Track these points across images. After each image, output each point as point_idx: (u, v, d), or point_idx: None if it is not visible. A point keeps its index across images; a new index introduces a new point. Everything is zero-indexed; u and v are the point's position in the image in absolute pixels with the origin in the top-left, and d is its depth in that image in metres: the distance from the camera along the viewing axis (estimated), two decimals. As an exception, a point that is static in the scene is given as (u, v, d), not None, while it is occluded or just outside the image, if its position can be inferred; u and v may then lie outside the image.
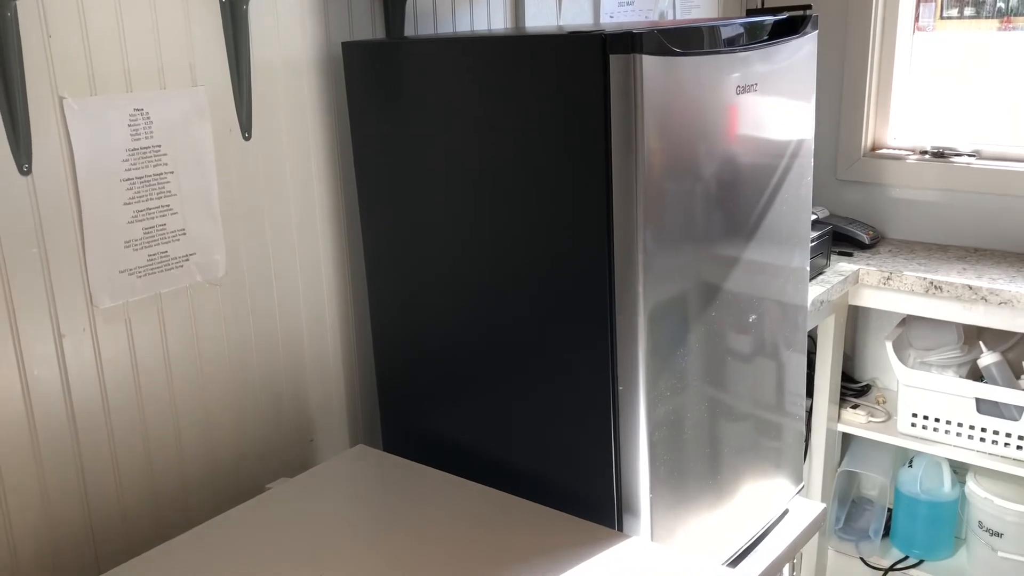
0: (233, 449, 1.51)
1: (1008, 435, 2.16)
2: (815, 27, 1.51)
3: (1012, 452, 2.17)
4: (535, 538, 1.26)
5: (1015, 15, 2.43)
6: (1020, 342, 2.30)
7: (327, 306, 1.62)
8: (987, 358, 2.24)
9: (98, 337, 1.31)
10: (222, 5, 1.37)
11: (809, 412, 2.41)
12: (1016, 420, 2.14)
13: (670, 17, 2.29)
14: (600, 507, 1.36)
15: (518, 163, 1.31)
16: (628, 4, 2.13)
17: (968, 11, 2.52)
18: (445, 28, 1.73)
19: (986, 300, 2.11)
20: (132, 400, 1.36)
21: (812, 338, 2.40)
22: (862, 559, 2.53)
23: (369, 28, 1.60)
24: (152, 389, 1.38)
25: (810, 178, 1.58)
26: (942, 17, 2.54)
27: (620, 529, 1.35)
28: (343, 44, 1.48)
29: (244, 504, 1.36)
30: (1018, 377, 2.23)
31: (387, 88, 1.43)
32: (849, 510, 2.63)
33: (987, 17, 2.48)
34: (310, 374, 1.62)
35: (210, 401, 1.47)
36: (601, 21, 2.07)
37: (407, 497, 1.37)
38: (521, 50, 1.27)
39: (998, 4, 2.45)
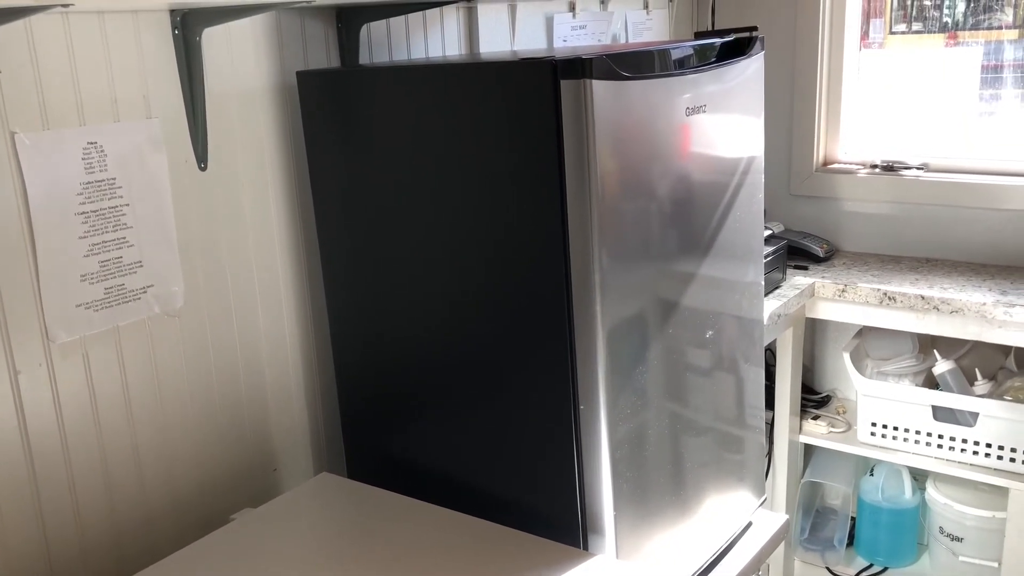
0: (196, 481, 1.50)
1: (964, 441, 2.21)
2: (762, 48, 1.55)
3: (968, 458, 2.21)
4: (502, 560, 1.26)
5: (959, 29, 2.49)
6: (972, 349, 2.35)
7: (288, 335, 1.62)
8: (941, 366, 2.28)
9: (55, 372, 1.29)
10: (175, 37, 1.38)
11: (771, 424, 2.44)
12: (971, 426, 2.18)
13: (622, 40, 2.33)
14: (565, 527, 1.37)
15: (474, 187, 1.32)
16: (581, 28, 2.17)
17: (916, 26, 2.58)
18: (400, 55, 1.75)
19: (938, 309, 2.15)
20: (91, 435, 1.35)
21: (772, 351, 2.43)
22: (828, 568, 2.55)
23: (324, 57, 1.61)
24: (112, 423, 1.37)
25: (761, 194, 1.61)
26: (891, 33, 2.61)
27: (585, 548, 1.36)
28: (298, 73, 1.49)
29: (208, 536, 1.35)
30: (972, 384, 2.28)
31: (343, 116, 1.44)
32: (813, 520, 2.66)
33: (933, 32, 2.55)
34: (272, 403, 1.61)
35: (171, 433, 1.46)
36: (555, 45, 2.10)
37: (372, 524, 1.37)
38: (474, 76, 1.29)
39: (944, 19, 2.52)
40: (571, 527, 1.36)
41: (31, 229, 1.24)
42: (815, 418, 2.51)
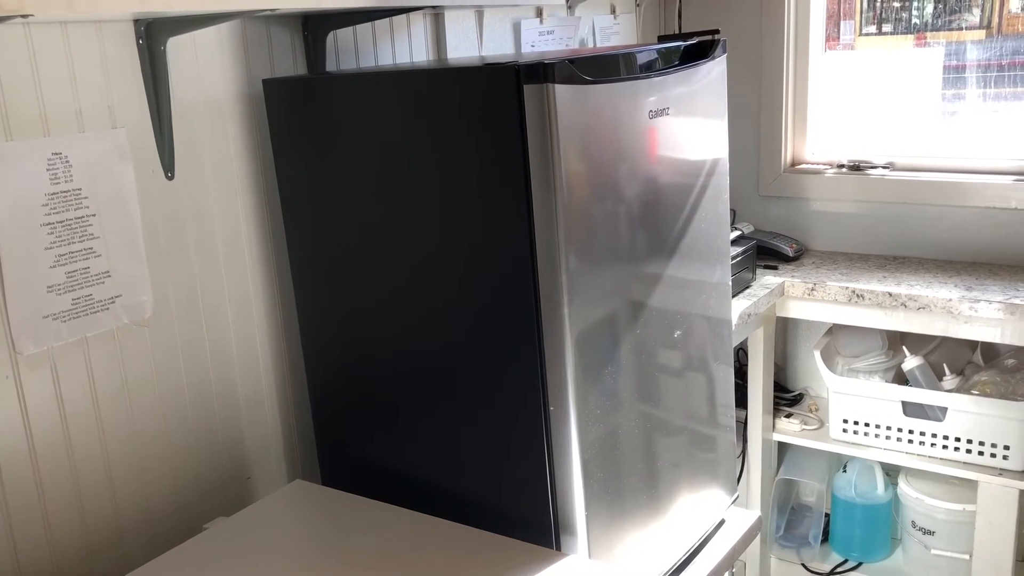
0: (168, 490, 1.50)
1: (934, 435, 2.24)
2: (724, 51, 1.57)
3: (938, 452, 2.24)
4: (475, 563, 1.27)
5: (927, 31, 2.53)
6: (940, 345, 2.38)
7: (259, 342, 1.62)
8: (910, 362, 2.31)
9: (22, 384, 1.29)
10: (139, 46, 1.38)
11: (744, 423, 2.47)
12: (940, 420, 2.21)
13: (590, 44, 2.35)
14: (538, 527, 1.38)
15: (442, 192, 1.33)
16: (548, 33, 2.18)
17: (886, 28, 2.62)
18: (367, 62, 1.75)
19: (905, 306, 2.18)
20: (61, 446, 1.34)
21: (744, 350, 2.45)
22: (803, 565, 2.58)
23: (290, 65, 1.62)
24: (81, 434, 1.37)
25: (727, 196, 1.63)
26: (861, 34, 2.64)
27: (558, 548, 1.37)
28: (264, 81, 1.49)
29: (181, 545, 1.35)
30: (940, 379, 2.31)
31: (310, 123, 1.45)
32: (789, 518, 2.68)
33: (903, 33, 2.58)
34: (244, 411, 1.61)
35: (142, 443, 1.45)
36: (522, 51, 2.11)
37: (345, 530, 1.37)
38: (439, 82, 1.30)
39: (913, 20, 2.56)
40: (543, 528, 1.37)
41: (-4, 241, 1.24)
42: (788, 416, 2.54)
